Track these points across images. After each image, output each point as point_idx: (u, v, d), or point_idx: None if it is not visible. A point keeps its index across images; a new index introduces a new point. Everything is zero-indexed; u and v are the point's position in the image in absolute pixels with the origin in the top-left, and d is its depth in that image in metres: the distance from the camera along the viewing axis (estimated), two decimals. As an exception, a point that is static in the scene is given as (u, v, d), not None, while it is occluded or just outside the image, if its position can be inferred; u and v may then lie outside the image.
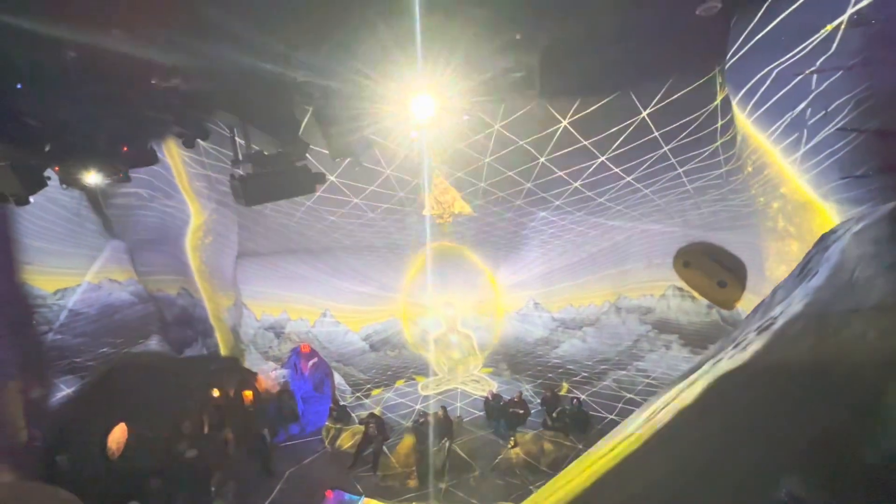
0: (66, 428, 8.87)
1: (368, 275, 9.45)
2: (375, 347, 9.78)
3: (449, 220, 9.15)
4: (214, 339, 11.07)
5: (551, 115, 7.49)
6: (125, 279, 10.53)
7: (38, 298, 9.07)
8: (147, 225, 10.49)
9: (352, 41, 3.65)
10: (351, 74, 3.99)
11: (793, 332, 2.25)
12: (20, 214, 8.83)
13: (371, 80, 4.10)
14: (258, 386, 10.47)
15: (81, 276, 9.67)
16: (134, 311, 10.62)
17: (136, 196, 10.03)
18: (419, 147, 7.58)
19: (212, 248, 10.39)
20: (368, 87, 4.18)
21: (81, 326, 9.55)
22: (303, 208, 8.56)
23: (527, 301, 10.35)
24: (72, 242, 9.52)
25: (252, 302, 10.36)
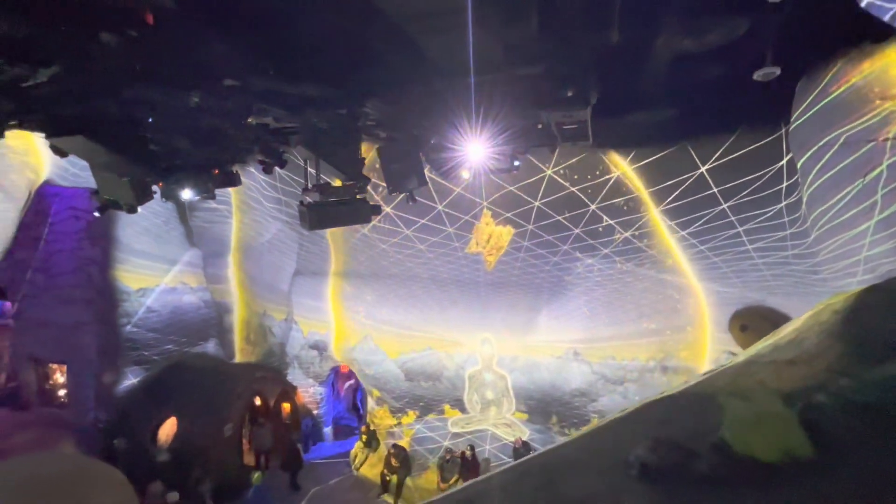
0: (126, 414, 9.74)
1: (411, 304, 9.75)
2: (410, 376, 9.92)
3: (494, 258, 9.34)
4: (264, 348, 11.77)
5: (605, 164, 7.61)
6: (196, 285, 11.64)
7: (123, 293, 10.28)
8: (221, 237, 11.66)
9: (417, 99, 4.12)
10: (413, 125, 4.45)
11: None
12: (121, 218, 10.23)
13: (430, 130, 4.53)
14: (297, 400, 10.89)
15: (161, 278, 10.85)
16: (199, 314, 11.63)
17: (216, 212, 11.25)
18: (470, 187, 7.97)
19: (270, 264, 11.27)
20: (427, 135, 4.62)
21: (154, 323, 10.61)
22: (358, 235, 9.16)
23: (566, 349, 10.08)
24: (158, 247, 10.78)
25: (301, 318, 11.00)
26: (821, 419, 1.96)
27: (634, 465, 2.04)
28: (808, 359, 2.31)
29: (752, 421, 2.00)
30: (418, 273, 9.69)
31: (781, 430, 1.91)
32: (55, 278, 10.62)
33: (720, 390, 2.34)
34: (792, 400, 2.03)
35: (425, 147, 5.39)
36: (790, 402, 2.01)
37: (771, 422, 1.97)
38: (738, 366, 2.64)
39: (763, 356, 2.65)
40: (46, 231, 10.70)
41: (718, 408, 2.10)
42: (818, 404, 2.02)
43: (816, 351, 2.35)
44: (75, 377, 10.35)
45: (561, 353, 10.11)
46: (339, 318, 10.72)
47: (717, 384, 2.56)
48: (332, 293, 10.63)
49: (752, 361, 2.64)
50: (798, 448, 1.85)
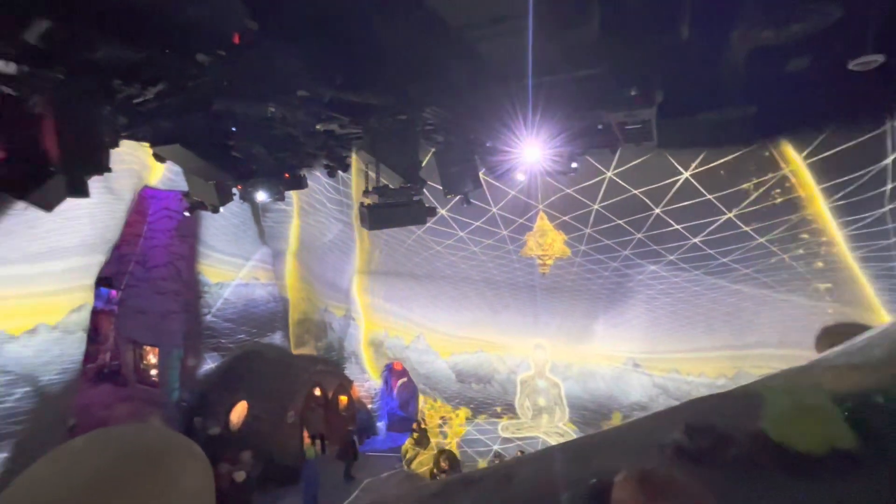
0: (205, 396, 10.76)
1: (463, 305, 9.82)
2: (461, 378, 9.99)
3: (549, 262, 9.16)
4: (324, 342, 12.46)
5: (671, 166, 7.21)
6: (266, 280, 12.60)
7: (205, 286, 11.39)
8: (287, 237, 12.52)
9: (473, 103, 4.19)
10: (469, 129, 4.53)
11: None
12: (205, 218, 11.34)
13: (485, 133, 4.58)
14: (353, 393, 11.40)
15: (237, 273, 11.88)
16: (267, 308, 12.58)
17: (285, 213, 12.11)
18: (526, 189, 7.89)
19: (332, 263, 11.90)
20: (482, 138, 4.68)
21: (230, 314, 11.64)
22: (413, 236, 9.42)
23: (625, 359, 9.61)
24: (235, 245, 11.82)
25: (359, 315, 11.50)
26: (873, 417, 1.87)
27: (668, 447, 2.03)
28: (875, 364, 2.18)
29: (793, 412, 1.95)
30: (471, 275, 9.75)
31: (823, 421, 1.85)
32: (150, 271, 12.02)
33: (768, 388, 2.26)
34: (844, 399, 1.94)
35: (481, 150, 5.45)
36: (840, 401, 1.93)
37: (813, 413, 1.91)
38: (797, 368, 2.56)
39: (827, 360, 2.51)
40: (145, 229, 12.15)
41: (761, 401, 2.06)
42: (874, 404, 1.93)
43: (886, 358, 2.20)
44: (164, 360, 11.63)
45: (619, 363, 9.66)
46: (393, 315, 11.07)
47: (769, 384, 2.47)
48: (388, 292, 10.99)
49: (814, 365, 2.54)
50: (841, 440, 1.77)
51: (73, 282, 8.09)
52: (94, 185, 3.93)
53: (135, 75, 3.42)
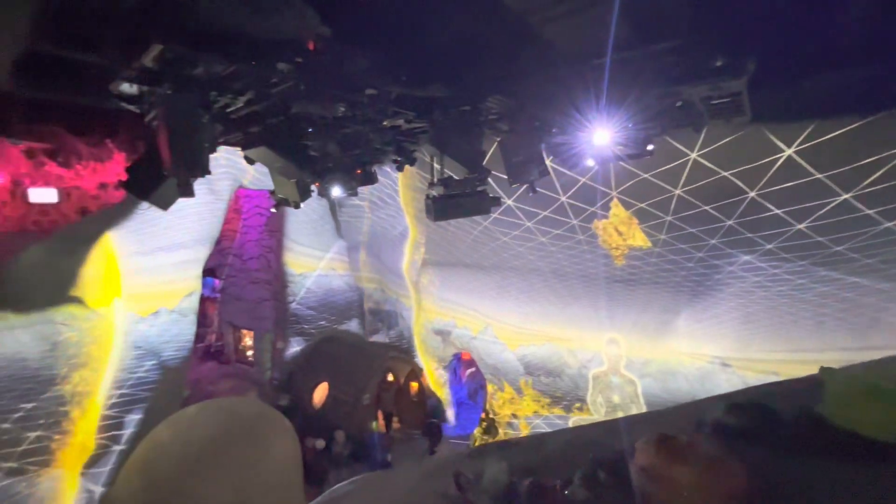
0: (292, 376, 11.84)
1: (532, 297, 9.64)
2: (529, 370, 9.86)
3: (624, 252, 8.63)
4: (396, 330, 13.03)
5: (770, 144, 6.40)
6: (343, 271, 13.46)
7: (290, 276, 12.48)
8: (362, 230, 13.22)
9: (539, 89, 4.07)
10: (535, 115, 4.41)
11: None
12: (289, 213, 12.38)
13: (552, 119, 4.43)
14: (423, 381, 11.82)
15: (317, 265, 12.84)
16: (344, 297, 13.44)
17: (358, 208, 12.79)
18: (597, 176, 7.50)
19: (402, 255, 12.35)
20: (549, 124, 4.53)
21: (312, 302, 12.63)
22: (479, 228, 9.43)
23: (711, 357, 8.77)
24: (315, 238, 12.76)
25: (428, 306, 11.84)
26: None
27: (706, 423, 1.93)
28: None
29: (855, 395, 1.78)
30: (539, 266, 9.53)
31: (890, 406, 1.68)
32: (245, 262, 13.45)
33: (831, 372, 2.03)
34: None
35: (547, 137, 5.29)
36: None
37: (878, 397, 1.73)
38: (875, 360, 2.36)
39: None
40: (240, 225, 13.60)
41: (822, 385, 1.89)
42: None
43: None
44: (258, 342, 13.00)
45: (704, 361, 8.87)
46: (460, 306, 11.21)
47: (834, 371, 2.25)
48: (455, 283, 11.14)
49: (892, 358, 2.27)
50: None
51: (186, 272, 9.35)
52: (198, 187, 4.50)
53: (227, 87, 3.84)
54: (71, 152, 11.30)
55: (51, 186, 11.58)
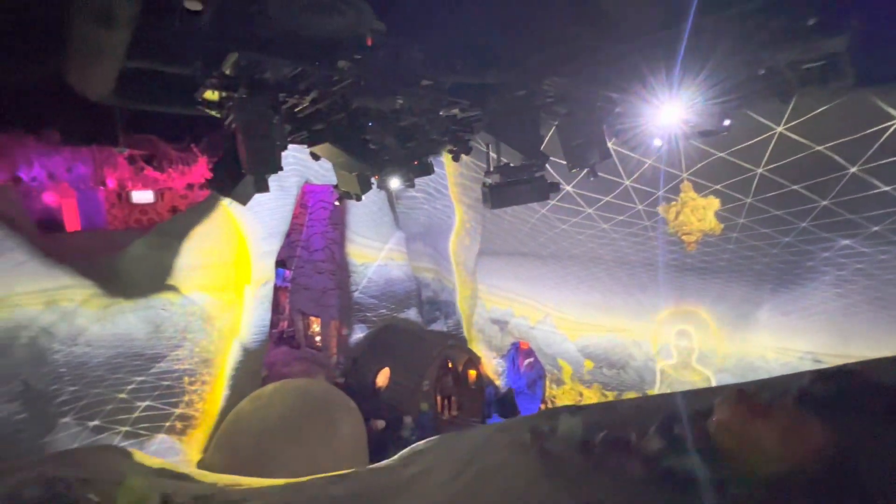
0: (356, 361, 12.47)
1: (593, 286, 9.28)
2: (591, 361, 9.57)
3: (697, 239, 8.01)
4: (454, 319, 13.22)
5: (877, 111, 5.61)
6: (401, 261, 13.86)
7: (352, 266, 13.09)
8: (419, 221, 13.50)
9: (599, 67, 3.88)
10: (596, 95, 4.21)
11: None
12: (351, 207, 12.94)
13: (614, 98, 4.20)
14: (481, 369, 11.91)
15: (377, 255, 13.33)
16: (403, 286, 13.85)
17: (414, 199, 13.05)
18: (665, 157, 7.01)
19: (461, 243, 12.45)
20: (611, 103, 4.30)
21: (373, 291, 13.17)
22: (537, 216, 9.24)
23: (801, 353, 7.92)
24: (374, 230, 13.24)
25: (485, 294, 11.86)
26: None
27: (792, 392, 1.82)
28: None
29: None
30: (601, 254, 9.16)
31: None
32: (312, 254, 14.32)
33: None
34: None
35: (609, 117, 5.03)
36: None
37: None
38: None
39: None
40: (307, 219, 14.47)
41: None
42: None
43: None
44: (325, 328, 13.83)
45: (793, 357, 8.05)
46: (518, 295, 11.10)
47: None
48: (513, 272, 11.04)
49: None
50: None
51: (261, 263, 10.16)
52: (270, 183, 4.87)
53: (294, 88, 4.08)
54: (164, 158, 12.68)
55: (148, 189, 13.12)
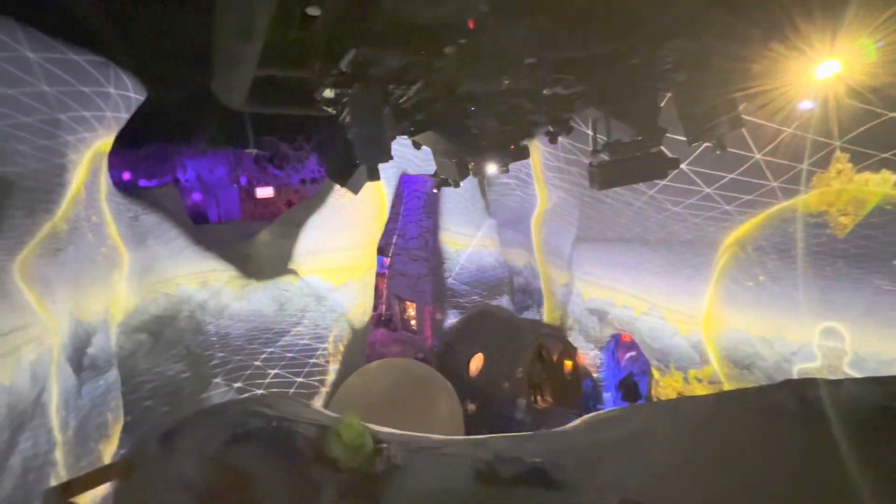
0: (450, 345, 12.86)
1: (710, 276, 8.27)
2: (707, 359, 8.60)
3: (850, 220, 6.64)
4: (546, 308, 12.90)
5: None
6: (493, 248, 13.85)
7: (446, 253, 13.44)
8: (511, 208, 13.32)
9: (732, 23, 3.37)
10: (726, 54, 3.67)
11: None
12: (444, 196, 13.24)
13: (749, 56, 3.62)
14: (578, 360, 11.46)
15: (469, 242, 13.50)
16: (495, 273, 13.85)
17: (506, 185, 12.87)
18: (813, 122, 5.91)
19: (555, 230, 12.00)
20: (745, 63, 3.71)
21: (466, 278, 13.40)
22: (644, 198, 8.49)
23: None
24: (466, 217, 13.40)
25: (582, 283, 11.31)
26: None
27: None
28: None
29: None
30: (719, 240, 8.13)
31: None
32: (407, 242, 15.00)
33: None
34: None
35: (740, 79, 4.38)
36: None
37: None
38: None
39: None
40: (402, 208, 15.18)
41: None
42: None
43: None
44: (420, 313, 14.47)
45: None
46: (620, 284, 10.40)
47: None
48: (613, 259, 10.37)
49: None
50: None
51: (365, 250, 10.95)
52: (378, 173, 5.18)
53: (401, 79, 4.25)
54: (282, 157, 14.26)
55: (269, 185, 14.91)
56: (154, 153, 12.13)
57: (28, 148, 4.78)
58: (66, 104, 5.02)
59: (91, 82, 5.24)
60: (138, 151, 11.66)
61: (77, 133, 5.45)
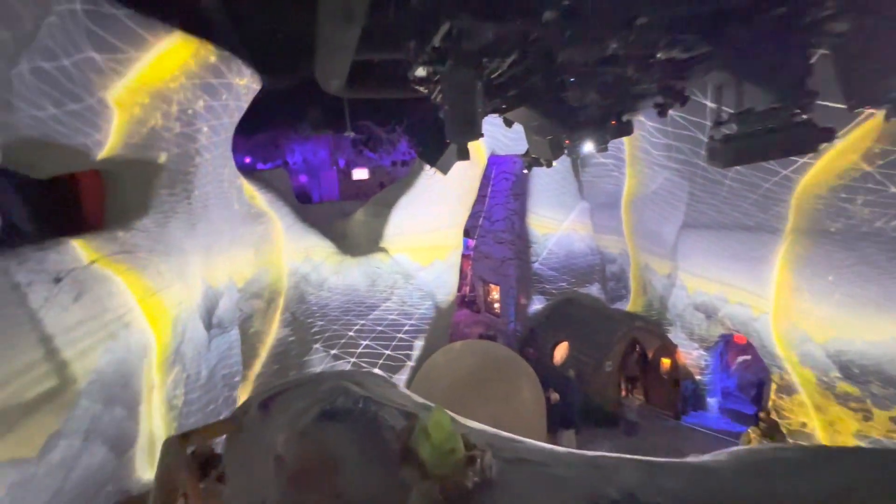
0: (534, 331, 12.55)
1: (870, 278, 6.72)
2: (849, 373, 7.14)
3: None
4: (644, 299, 11.86)
5: None
6: (584, 233, 13.06)
7: (533, 237, 13.00)
8: (606, 190, 12.33)
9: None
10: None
11: None
12: (533, 177, 12.73)
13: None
14: (677, 359, 10.41)
15: (559, 226, 12.87)
16: (585, 260, 13.08)
17: (603, 166, 11.92)
18: None
19: (658, 215, 10.86)
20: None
21: (553, 263, 12.87)
22: (775, 178, 7.19)
23: None
24: (557, 200, 12.76)
25: (688, 275, 10.13)
26: None
27: None
28: None
29: None
30: (882, 229, 6.60)
31: None
32: (493, 224, 14.81)
33: None
34: None
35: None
36: None
37: None
38: None
39: None
40: (489, 190, 14.97)
41: None
42: None
43: None
44: (503, 296, 14.31)
45: None
46: (735, 278, 9.09)
47: None
48: (729, 250, 9.07)
49: None
50: None
51: (452, 231, 11.04)
52: (467, 153, 5.06)
53: (495, 52, 4.03)
54: (377, 140, 14.92)
55: (364, 167, 15.75)
56: (267, 139, 13.50)
57: (170, 135, 5.56)
58: (198, 95, 5.72)
59: (218, 74, 5.90)
60: (255, 138, 13.06)
61: (208, 121, 6.21)
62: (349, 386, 2.21)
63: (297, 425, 1.91)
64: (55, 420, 3.97)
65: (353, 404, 2.00)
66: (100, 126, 4.59)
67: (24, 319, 3.72)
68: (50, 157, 4.37)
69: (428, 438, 1.59)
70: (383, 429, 1.78)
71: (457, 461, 1.62)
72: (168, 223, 5.96)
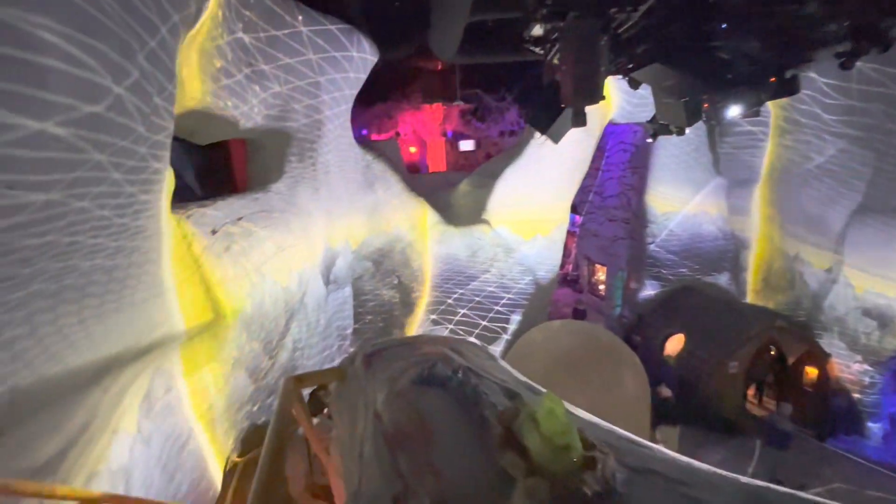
0: (643, 318, 11.52)
1: None
2: None
3: None
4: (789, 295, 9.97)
5: None
6: (716, 214, 11.32)
7: (651, 216, 11.70)
8: (750, 165, 10.39)
9: None
10: None
11: None
12: (657, 148, 11.29)
13: None
14: (829, 370, 8.64)
15: (684, 205, 11.35)
16: (715, 244, 11.39)
17: (749, 135, 10.03)
18: None
19: (819, 195, 8.87)
20: None
21: (673, 246, 11.48)
22: None
23: None
24: (686, 174, 11.19)
25: (856, 271, 8.15)
26: None
27: None
28: None
29: None
30: None
31: None
32: (605, 200, 13.67)
33: None
34: None
35: None
36: None
37: None
38: None
39: None
40: (603, 162, 13.76)
41: None
42: None
43: None
44: (611, 278, 13.30)
45: None
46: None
47: None
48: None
49: None
50: None
51: (557, 206, 10.49)
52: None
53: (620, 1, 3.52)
54: (485, 109, 14.66)
55: (471, 138, 15.66)
56: (382, 111, 14.17)
57: (300, 107, 6.11)
58: (324, 68, 6.15)
59: (340, 48, 6.25)
60: (371, 110, 13.80)
61: (331, 93, 6.68)
62: (448, 353, 2.20)
63: (395, 385, 1.97)
64: (212, 345, 4.85)
65: (451, 373, 1.98)
66: (247, 98, 5.23)
67: (189, 262, 4.53)
68: (208, 126, 5.13)
69: (537, 427, 1.38)
70: (483, 405, 1.68)
71: (571, 460, 1.36)
72: (297, 187, 6.67)
